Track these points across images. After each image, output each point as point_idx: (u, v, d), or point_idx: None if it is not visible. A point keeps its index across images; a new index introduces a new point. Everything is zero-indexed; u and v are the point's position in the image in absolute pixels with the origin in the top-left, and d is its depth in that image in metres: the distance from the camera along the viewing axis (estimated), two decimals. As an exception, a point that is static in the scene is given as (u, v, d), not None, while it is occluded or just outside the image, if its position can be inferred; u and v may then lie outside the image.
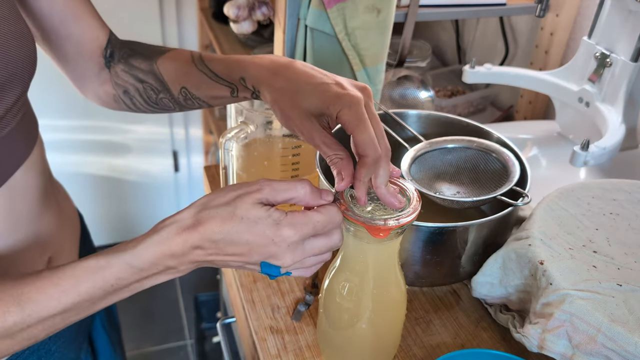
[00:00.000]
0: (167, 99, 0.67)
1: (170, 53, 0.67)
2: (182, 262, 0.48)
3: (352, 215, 0.50)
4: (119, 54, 0.69)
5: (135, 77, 0.68)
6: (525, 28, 1.23)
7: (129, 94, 0.69)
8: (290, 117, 0.54)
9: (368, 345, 0.61)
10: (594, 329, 0.54)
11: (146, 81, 0.67)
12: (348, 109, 0.50)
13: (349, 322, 0.59)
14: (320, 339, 0.66)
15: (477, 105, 1.29)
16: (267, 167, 0.82)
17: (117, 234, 2.19)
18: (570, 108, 0.98)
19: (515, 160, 0.74)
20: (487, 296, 0.68)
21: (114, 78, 0.69)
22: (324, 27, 0.90)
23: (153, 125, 2.04)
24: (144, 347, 1.85)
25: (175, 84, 0.66)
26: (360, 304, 0.57)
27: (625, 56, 0.86)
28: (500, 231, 0.72)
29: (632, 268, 0.61)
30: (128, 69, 0.68)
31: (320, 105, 0.52)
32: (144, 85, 0.68)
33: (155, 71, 0.66)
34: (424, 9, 0.98)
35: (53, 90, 1.83)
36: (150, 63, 0.67)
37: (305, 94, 0.53)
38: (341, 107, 0.50)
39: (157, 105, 0.69)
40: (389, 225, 0.50)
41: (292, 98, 0.54)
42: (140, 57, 0.68)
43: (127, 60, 0.68)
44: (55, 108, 1.86)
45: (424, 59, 1.17)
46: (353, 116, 0.50)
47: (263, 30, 1.56)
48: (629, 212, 0.68)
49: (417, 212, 0.51)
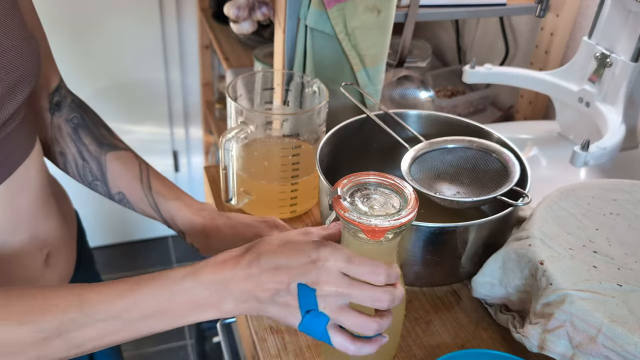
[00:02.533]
0: (102, 189, 0.71)
1: (122, 155, 0.70)
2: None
3: (348, 216, 0.50)
4: (67, 112, 0.69)
5: (79, 152, 0.69)
6: (525, 28, 1.23)
7: (65, 158, 0.71)
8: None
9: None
10: (594, 329, 0.54)
11: (89, 163, 0.69)
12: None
13: None
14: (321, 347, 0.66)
15: (477, 105, 1.29)
16: (267, 167, 0.82)
17: (117, 234, 2.19)
18: (570, 108, 0.98)
19: (515, 160, 0.74)
20: (487, 296, 0.68)
21: (55, 131, 0.69)
22: (324, 27, 0.90)
23: (153, 125, 2.04)
24: (143, 347, 1.85)
25: (115, 185, 0.69)
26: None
27: (625, 56, 0.85)
28: (500, 231, 0.72)
29: (632, 268, 0.61)
30: (75, 140, 0.69)
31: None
32: (85, 164, 0.69)
33: (102, 163, 0.69)
34: (424, 9, 0.98)
35: (53, 90, 1.83)
36: (99, 151, 0.69)
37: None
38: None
39: (89, 186, 0.72)
40: (383, 226, 0.50)
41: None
42: (90, 137, 0.69)
43: (76, 130, 0.69)
44: (56, 108, 1.86)
45: (424, 59, 1.17)
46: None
47: (263, 30, 1.56)
48: (629, 212, 0.68)
49: (414, 214, 0.51)
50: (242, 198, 0.83)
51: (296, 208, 0.86)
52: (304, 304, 0.48)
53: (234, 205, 0.82)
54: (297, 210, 0.86)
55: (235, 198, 0.81)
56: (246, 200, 0.84)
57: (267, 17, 1.28)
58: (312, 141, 0.83)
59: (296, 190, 0.83)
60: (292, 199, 0.84)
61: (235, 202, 0.81)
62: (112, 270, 2.09)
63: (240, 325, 0.81)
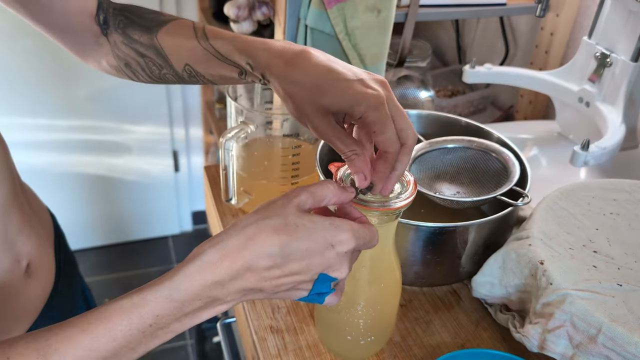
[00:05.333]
0: (171, 74, 0.62)
1: (171, 26, 0.61)
2: (229, 291, 0.42)
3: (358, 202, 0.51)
4: (113, 21, 0.64)
5: (135, 50, 0.63)
6: (525, 28, 1.23)
7: (130, 67, 0.65)
8: (305, 112, 0.50)
9: (362, 327, 0.62)
10: (594, 329, 0.54)
11: (147, 56, 0.62)
12: (373, 111, 0.48)
13: (344, 304, 0.60)
14: (317, 320, 0.67)
15: (477, 105, 1.29)
16: (267, 167, 0.82)
17: (117, 234, 2.19)
18: (570, 108, 0.98)
19: (515, 160, 0.74)
20: (487, 296, 0.68)
21: (113, 49, 0.64)
22: (324, 27, 0.90)
23: (153, 125, 2.03)
24: (144, 347, 1.85)
25: (178, 61, 0.60)
26: (356, 287, 0.58)
27: (625, 56, 0.86)
28: (500, 231, 0.72)
29: (632, 268, 0.61)
30: (127, 42, 0.63)
31: (343, 105, 0.49)
32: (145, 59, 0.63)
33: (157, 46, 0.61)
34: (424, 9, 0.98)
35: (52, 90, 1.83)
36: (150, 37, 0.61)
37: (326, 91, 0.49)
38: (366, 109, 0.48)
39: (161, 80, 0.65)
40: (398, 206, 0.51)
41: (309, 94, 0.50)
42: (138, 29, 0.62)
43: (125, 31, 0.63)
44: (55, 108, 1.86)
45: (424, 59, 1.17)
46: (378, 117, 0.48)
47: (263, 30, 1.56)
48: (629, 212, 0.68)
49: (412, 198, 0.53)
50: (242, 198, 0.84)
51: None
52: (317, 288, 0.47)
53: (234, 205, 0.82)
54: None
55: (235, 198, 0.81)
56: (246, 200, 0.84)
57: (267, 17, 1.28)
58: (312, 141, 0.83)
59: (296, 190, 0.83)
60: (292, 199, 0.84)
61: (235, 201, 0.81)
62: (111, 270, 2.09)
63: (240, 325, 0.81)
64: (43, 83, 1.81)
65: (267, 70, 0.53)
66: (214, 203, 0.90)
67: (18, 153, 0.74)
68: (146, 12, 0.64)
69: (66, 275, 0.77)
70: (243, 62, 0.55)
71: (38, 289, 0.68)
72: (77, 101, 1.87)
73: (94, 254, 2.14)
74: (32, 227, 0.68)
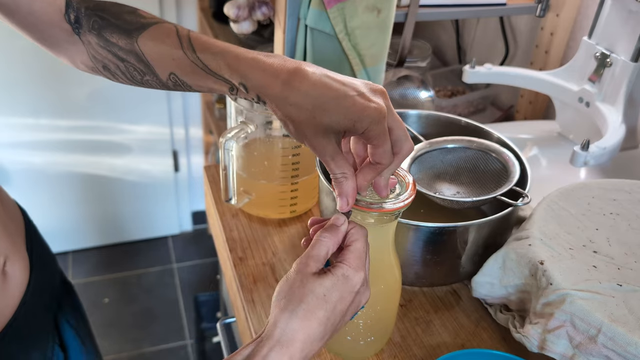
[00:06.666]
0: (154, 81, 0.59)
1: (153, 31, 0.58)
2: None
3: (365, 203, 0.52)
4: (87, 21, 0.60)
5: (114, 54, 0.59)
6: (525, 28, 1.23)
7: (109, 70, 0.61)
8: (305, 133, 0.50)
9: (362, 328, 0.62)
10: (594, 329, 0.54)
11: (128, 61, 0.59)
12: (376, 125, 0.47)
13: None
14: None
15: (477, 105, 1.29)
16: (267, 167, 0.82)
17: (117, 234, 2.19)
18: (570, 108, 0.98)
19: (515, 160, 0.74)
20: (487, 296, 0.68)
21: (88, 49, 0.61)
22: (324, 27, 0.90)
23: (153, 125, 2.04)
24: (144, 347, 1.85)
25: (162, 70, 0.57)
26: None
27: (625, 56, 0.85)
28: (500, 231, 0.72)
29: (632, 268, 0.61)
30: (104, 44, 0.59)
31: (346, 123, 0.48)
32: (125, 64, 0.59)
33: (138, 52, 0.58)
34: (424, 9, 0.98)
35: (52, 90, 1.83)
36: (129, 41, 0.58)
37: (327, 110, 0.48)
38: (369, 124, 0.47)
39: (144, 85, 0.61)
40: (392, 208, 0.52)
41: (310, 115, 0.49)
42: (117, 32, 0.58)
43: (100, 33, 0.59)
44: (54, 108, 1.86)
45: (424, 59, 1.17)
46: (379, 131, 0.48)
47: (263, 30, 1.56)
48: (629, 212, 0.68)
49: (411, 199, 0.53)
50: (242, 198, 0.83)
51: (296, 208, 0.86)
52: None
53: (234, 205, 0.82)
54: (297, 210, 0.86)
55: (235, 198, 0.81)
56: (246, 200, 0.84)
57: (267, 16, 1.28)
58: (312, 141, 0.83)
59: (296, 190, 0.83)
60: (292, 199, 0.84)
61: (235, 201, 0.81)
62: (111, 270, 2.09)
63: (240, 325, 0.81)
64: (43, 83, 1.81)
65: (262, 91, 0.52)
66: (214, 203, 0.90)
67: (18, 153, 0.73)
68: (122, 11, 0.60)
69: (38, 271, 0.74)
70: (236, 81, 0.54)
71: (14, 289, 0.67)
72: (76, 101, 1.87)
73: (94, 254, 2.14)
74: (2, 223, 0.67)
